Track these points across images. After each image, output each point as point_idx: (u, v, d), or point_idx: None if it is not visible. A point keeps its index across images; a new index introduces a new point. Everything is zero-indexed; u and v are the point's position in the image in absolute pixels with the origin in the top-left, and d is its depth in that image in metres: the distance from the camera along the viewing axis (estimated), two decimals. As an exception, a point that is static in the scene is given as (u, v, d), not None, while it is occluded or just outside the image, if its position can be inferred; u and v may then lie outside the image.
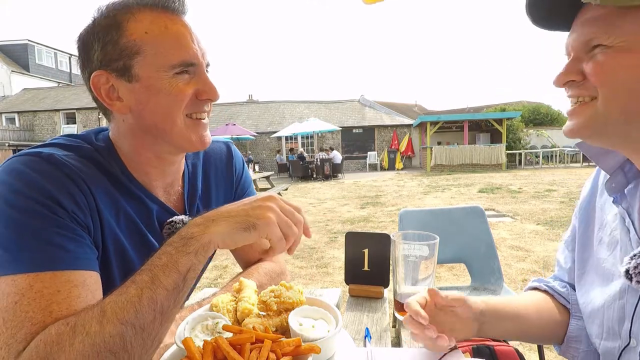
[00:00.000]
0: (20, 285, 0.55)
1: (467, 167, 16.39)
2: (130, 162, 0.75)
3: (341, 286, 1.85)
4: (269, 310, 0.70)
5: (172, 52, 0.67)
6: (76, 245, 0.61)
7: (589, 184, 0.80)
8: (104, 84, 0.68)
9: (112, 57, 0.66)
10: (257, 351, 0.56)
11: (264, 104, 24.33)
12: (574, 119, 0.60)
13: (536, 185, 9.66)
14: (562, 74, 0.60)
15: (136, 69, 0.66)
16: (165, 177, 0.80)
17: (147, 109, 0.68)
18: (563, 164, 16.41)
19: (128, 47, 0.66)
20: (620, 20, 0.52)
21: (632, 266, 0.58)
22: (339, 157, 16.29)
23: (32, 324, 0.54)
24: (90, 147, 0.71)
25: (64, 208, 0.61)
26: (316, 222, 6.48)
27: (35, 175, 0.60)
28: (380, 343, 0.74)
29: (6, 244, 0.57)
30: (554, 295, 0.82)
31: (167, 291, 0.55)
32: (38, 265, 0.57)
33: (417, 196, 8.94)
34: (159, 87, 0.67)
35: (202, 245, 0.58)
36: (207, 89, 0.71)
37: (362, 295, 0.96)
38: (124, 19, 0.66)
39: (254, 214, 0.61)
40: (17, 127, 22.20)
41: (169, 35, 0.67)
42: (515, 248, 4.28)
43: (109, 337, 0.52)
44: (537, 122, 21.19)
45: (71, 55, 33.20)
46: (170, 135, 0.71)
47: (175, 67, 0.67)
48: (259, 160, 20.79)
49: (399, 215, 1.94)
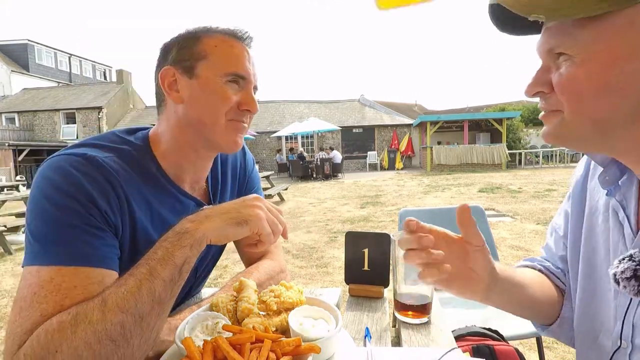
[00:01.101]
0: (43, 276, 0.59)
1: (467, 166, 16.39)
2: (167, 155, 0.81)
3: (341, 286, 1.85)
4: (269, 310, 0.70)
5: (229, 64, 0.78)
6: (102, 244, 0.66)
7: (582, 166, 0.78)
8: (170, 77, 0.78)
9: (183, 57, 0.77)
10: (257, 351, 0.56)
11: (264, 104, 24.31)
12: (545, 126, 0.59)
13: (536, 185, 9.67)
14: (531, 85, 0.59)
15: (199, 70, 0.77)
16: (196, 172, 0.87)
17: (197, 103, 0.77)
18: (563, 164, 16.42)
19: (198, 52, 0.77)
20: (577, 30, 0.50)
21: (619, 270, 0.56)
22: (339, 156, 16.30)
23: (42, 315, 0.57)
24: (129, 148, 0.77)
25: (98, 208, 0.66)
26: (316, 222, 6.48)
27: (78, 176, 0.65)
28: (380, 343, 0.74)
29: (39, 236, 0.62)
30: (549, 276, 0.81)
31: (165, 282, 0.59)
32: (63, 259, 0.61)
33: (417, 196, 8.94)
34: (212, 87, 0.77)
35: (196, 239, 0.63)
36: (249, 101, 0.81)
37: (362, 295, 0.96)
38: (203, 35, 0.79)
39: (245, 211, 0.68)
40: (17, 127, 22.21)
41: (232, 52, 0.79)
42: (515, 248, 4.28)
43: (110, 325, 0.55)
44: (537, 122, 21.14)
45: (71, 55, 33.24)
46: (210, 131, 0.78)
47: (229, 75, 0.77)
48: (259, 160, 20.81)
49: (399, 215, 1.94)
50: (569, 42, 0.51)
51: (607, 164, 0.66)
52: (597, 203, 0.71)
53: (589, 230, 0.72)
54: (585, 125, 0.54)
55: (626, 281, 0.54)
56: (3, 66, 27.08)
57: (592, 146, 0.60)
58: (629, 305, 0.62)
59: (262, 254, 0.98)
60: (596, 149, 0.61)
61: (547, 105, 0.58)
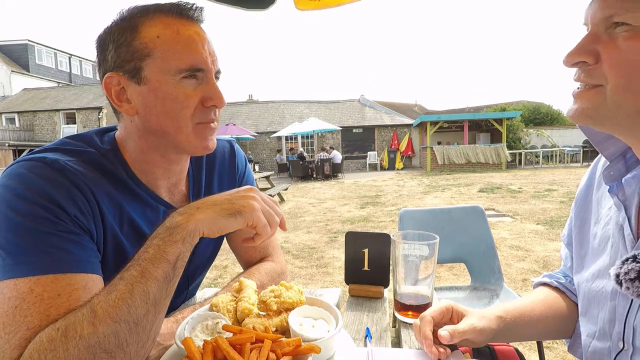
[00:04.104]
0: (22, 289, 0.55)
1: (467, 166, 16.38)
2: (135, 162, 0.75)
3: (341, 286, 1.85)
4: (269, 310, 0.70)
5: (180, 57, 0.67)
6: (79, 248, 0.61)
7: (586, 176, 0.77)
8: (115, 86, 0.69)
9: (124, 58, 0.67)
10: (257, 351, 0.56)
11: (264, 104, 24.31)
12: (579, 103, 0.54)
13: (536, 185, 9.66)
14: (574, 52, 0.53)
15: (146, 72, 0.67)
16: (170, 177, 0.81)
17: (154, 112, 0.69)
18: (563, 164, 16.40)
19: (140, 49, 0.67)
20: None
21: (622, 272, 0.54)
22: (339, 156, 16.29)
23: (28, 328, 0.54)
24: (95, 151, 0.72)
25: (67, 213, 0.61)
26: (316, 222, 6.48)
27: (39, 181, 0.61)
28: (380, 343, 0.74)
29: (9, 248, 0.58)
30: (565, 292, 0.81)
31: (158, 282, 0.56)
32: (40, 268, 0.57)
33: (417, 196, 8.93)
34: (165, 91, 0.68)
35: (188, 232, 0.59)
36: (213, 95, 0.71)
37: (362, 295, 0.96)
38: (140, 22, 0.68)
39: (238, 202, 0.63)
40: (17, 127, 22.19)
41: (180, 39, 0.68)
42: (515, 248, 4.28)
43: (103, 337, 0.51)
44: (537, 122, 21.19)
45: (71, 55, 33.19)
46: (175, 140, 0.71)
47: (182, 71, 0.68)
48: (259, 160, 20.79)
49: (399, 215, 1.94)
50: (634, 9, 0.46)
51: (614, 158, 0.63)
52: (602, 211, 0.69)
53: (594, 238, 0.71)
54: (628, 105, 0.49)
55: (630, 282, 0.53)
56: (3, 66, 27.07)
57: (623, 132, 0.55)
58: (629, 308, 0.61)
59: (260, 255, 0.95)
60: (625, 136, 0.57)
61: (588, 78, 0.53)
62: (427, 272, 0.81)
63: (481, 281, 1.88)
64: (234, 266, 4.11)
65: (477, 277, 1.90)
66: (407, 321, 0.81)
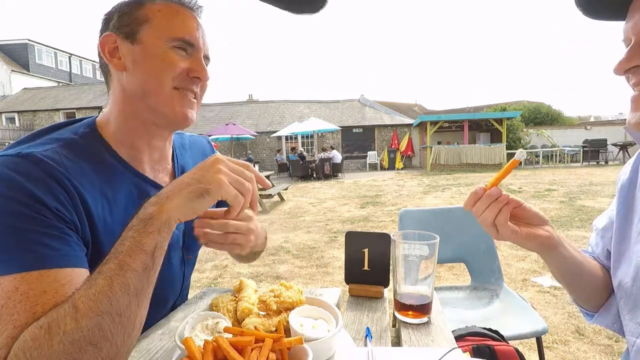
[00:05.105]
0: (6, 287, 0.55)
1: (467, 166, 16.38)
2: (117, 134, 0.77)
3: (341, 286, 1.85)
4: (269, 310, 0.70)
5: (175, 29, 0.74)
6: (62, 243, 0.61)
7: (628, 170, 0.74)
8: (111, 44, 0.74)
9: (125, 23, 0.74)
10: (258, 351, 0.56)
11: (264, 104, 24.30)
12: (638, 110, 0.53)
13: (536, 185, 9.67)
14: (624, 60, 0.53)
15: (141, 34, 0.73)
16: (151, 151, 0.82)
17: (140, 69, 0.73)
18: (563, 164, 16.40)
19: (140, 16, 0.73)
20: None
21: None
22: (339, 156, 16.29)
23: (15, 327, 0.54)
24: (72, 136, 0.71)
25: (48, 207, 0.60)
26: (316, 222, 6.48)
27: (14, 176, 0.60)
28: (380, 343, 0.74)
29: None
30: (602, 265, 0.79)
31: (138, 273, 0.55)
32: (24, 265, 0.56)
33: (417, 196, 8.94)
34: (155, 52, 0.73)
35: (162, 222, 0.58)
36: (198, 68, 0.76)
37: (362, 295, 0.96)
38: (146, 1, 0.75)
39: (204, 179, 0.61)
40: (17, 127, 22.18)
41: (178, 16, 0.75)
42: (515, 248, 4.27)
43: (87, 330, 0.51)
44: (538, 122, 21.21)
45: (71, 55, 33.20)
46: (155, 100, 0.74)
47: (174, 40, 0.73)
48: (259, 159, 20.79)
49: (399, 214, 1.94)
50: None
51: None
52: None
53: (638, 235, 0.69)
54: None
55: None
56: (3, 66, 27.07)
57: None
58: None
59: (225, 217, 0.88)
60: None
61: None
62: (427, 272, 0.81)
63: (481, 281, 1.88)
64: (234, 266, 4.12)
65: (477, 277, 1.90)
66: (407, 321, 0.81)
